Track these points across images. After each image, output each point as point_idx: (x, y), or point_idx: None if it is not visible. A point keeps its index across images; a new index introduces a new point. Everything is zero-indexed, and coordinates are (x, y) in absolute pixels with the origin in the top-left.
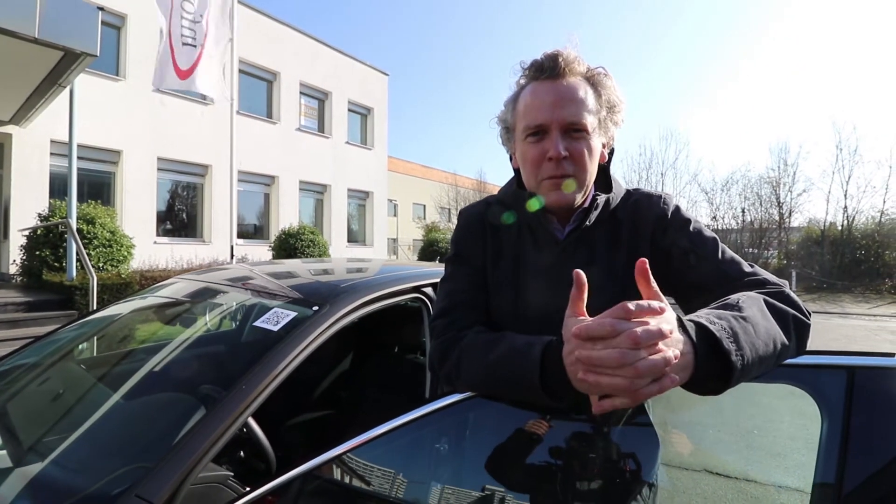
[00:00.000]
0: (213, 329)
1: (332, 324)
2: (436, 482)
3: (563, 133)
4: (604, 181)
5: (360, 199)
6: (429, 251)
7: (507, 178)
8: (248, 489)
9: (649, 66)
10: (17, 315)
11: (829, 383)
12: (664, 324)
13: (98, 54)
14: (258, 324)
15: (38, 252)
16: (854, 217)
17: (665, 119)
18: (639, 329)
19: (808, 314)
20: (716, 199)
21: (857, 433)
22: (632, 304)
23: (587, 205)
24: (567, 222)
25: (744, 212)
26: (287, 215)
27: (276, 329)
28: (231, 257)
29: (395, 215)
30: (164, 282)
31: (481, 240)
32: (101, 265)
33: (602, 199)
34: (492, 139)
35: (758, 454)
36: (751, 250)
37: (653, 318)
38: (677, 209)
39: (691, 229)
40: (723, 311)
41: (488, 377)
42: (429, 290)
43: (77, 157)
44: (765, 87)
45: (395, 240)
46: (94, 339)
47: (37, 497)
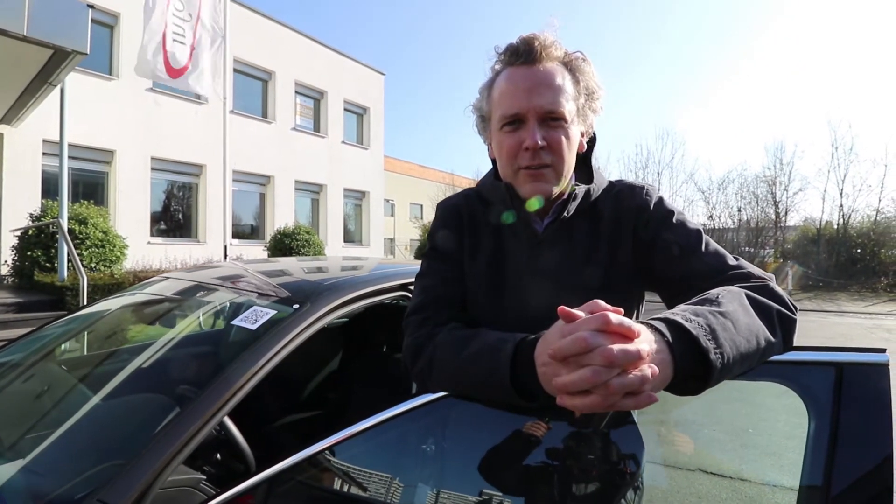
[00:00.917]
0: (193, 327)
1: (312, 322)
2: (413, 481)
3: (540, 122)
4: (585, 172)
5: (357, 198)
6: (425, 250)
7: None
8: (217, 491)
9: (645, 65)
10: (7, 316)
11: (816, 380)
12: (644, 344)
13: (88, 52)
14: (236, 322)
15: (29, 253)
16: (850, 215)
17: (661, 118)
18: (615, 348)
19: (795, 309)
20: (712, 198)
21: (845, 432)
22: (613, 317)
23: (566, 196)
24: (546, 214)
25: (740, 210)
26: (283, 215)
27: (254, 328)
28: (225, 257)
29: (392, 215)
30: (146, 280)
31: (458, 233)
32: (93, 265)
33: (581, 189)
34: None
35: (753, 453)
36: (747, 249)
37: (632, 336)
38: (660, 200)
39: (674, 221)
40: (700, 307)
41: (460, 376)
42: None
43: (70, 156)
44: (761, 86)
45: (392, 240)
46: (73, 338)
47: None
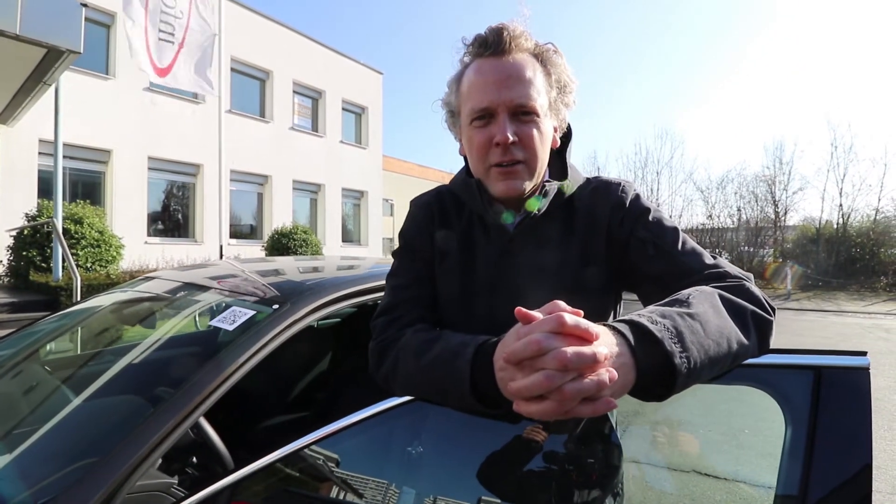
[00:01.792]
0: (173, 328)
1: (292, 323)
2: (388, 480)
3: (511, 116)
4: (559, 168)
5: (355, 198)
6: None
7: None
8: (187, 494)
9: (644, 64)
10: (0, 316)
11: (793, 385)
12: (602, 347)
13: (82, 51)
14: (214, 323)
15: (25, 252)
16: (849, 215)
17: (660, 117)
18: (569, 351)
19: (772, 310)
20: (711, 197)
21: (823, 438)
22: (568, 317)
23: (537, 193)
24: (518, 212)
25: (739, 210)
26: (281, 215)
27: (230, 328)
28: (220, 257)
29: (392, 215)
30: (135, 279)
31: (429, 231)
32: (89, 265)
33: (553, 186)
34: None
35: (748, 454)
36: (747, 248)
37: (589, 340)
38: (636, 197)
39: (650, 219)
40: (668, 309)
41: (421, 382)
42: None
43: (67, 156)
44: (760, 86)
45: (391, 239)
46: (55, 339)
47: None
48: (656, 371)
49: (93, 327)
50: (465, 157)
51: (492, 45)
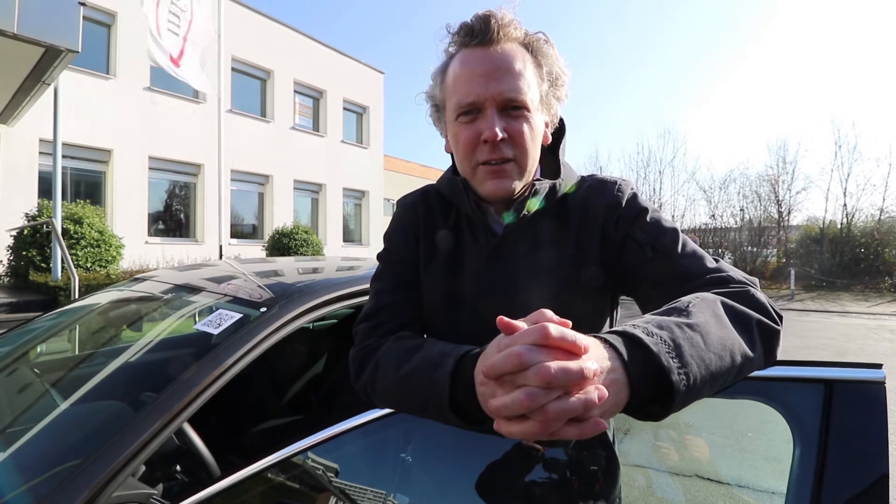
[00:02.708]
0: (159, 331)
1: (280, 326)
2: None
3: (499, 111)
4: (552, 166)
5: (356, 198)
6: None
7: None
8: None
9: (646, 64)
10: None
11: (802, 399)
12: (590, 362)
13: (80, 50)
14: (199, 326)
15: (25, 252)
16: (853, 215)
17: (662, 117)
18: (553, 366)
19: (779, 318)
20: (714, 197)
21: (834, 459)
22: (553, 328)
23: (528, 193)
24: (518, 213)
25: (743, 210)
26: (282, 215)
27: (216, 332)
28: (220, 257)
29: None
30: (126, 280)
31: (414, 234)
32: (89, 265)
33: (545, 185)
34: None
35: (751, 458)
36: (750, 248)
37: (577, 353)
38: (633, 197)
39: (648, 219)
40: (666, 318)
41: (399, 393)
42: None
43: (67, 156)
44: (763, 84)
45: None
46: (45, 341)
47: None
48: (652, 388)
49: (81, 329)
50: (451, 155)
51: (478, 33)
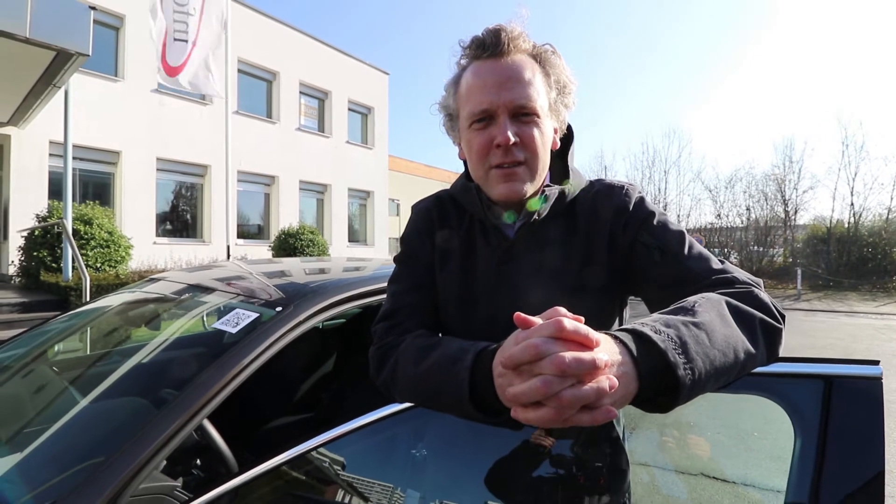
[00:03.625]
0: (177, 330)
1: (295, 325)
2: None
3: (511, 117)
4: (561, 171)
5: (361, 198)
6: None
7: None
8: (190, 497)
9: (650, 63)
10: (11, 316)
11: (803, 394)
12: (602, 354)
13: (90, 54)
14: (217, 325)
15: (35, 253)
16: (861, 214)
17: (667, 116)
18: (567, 356)
19: (781, 317)
20: (720, 196)
21: (833, 451)
22: (568, 322)
23: (538, 197)
24: (519, 214)
25: (749, 209)
26: (287, 215)
27: (234, 331)
28: (228, 258)
29: (398, 215)
30: (141, 281)
31: (429, 237)
32: (98, 266)
33: (554, 190)
34: None
35: (757, 457)
36: (756, 248)
37: (589, 346)
38: (640, 201)
39: (655, 223)
40: (672, 317)
41: (419, 388)
42: None
43: (76, 157)
44: (768, 83)
45: (398, 239)
46: (63, 340)
47: None
48: (659, 382)
49: (99, 329)
50: (464, 162)
51: (489, 46)
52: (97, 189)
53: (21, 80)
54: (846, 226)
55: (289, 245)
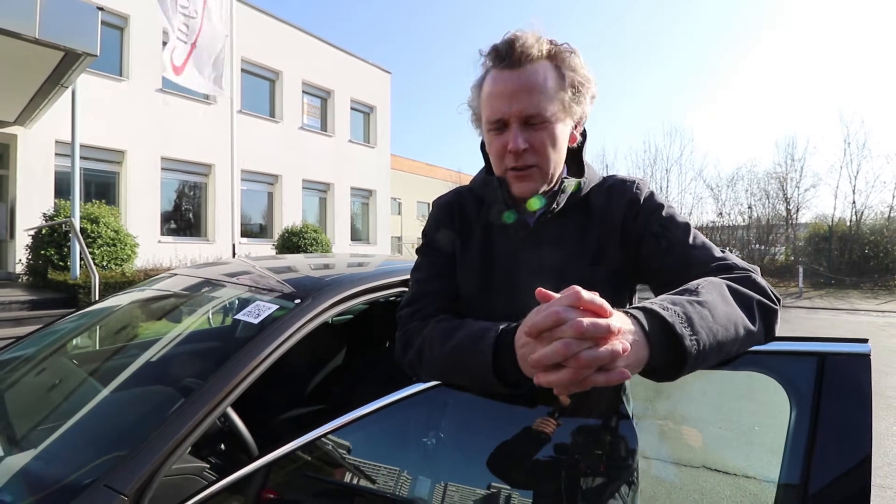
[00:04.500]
0: (198, 322)
1: (313, 317)
2: (408, 468)
3: (522, 125)
4: (577, 166)
5: (364, 197)
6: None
7: None
8: (218, 478)
9: (652, 61)
10: (20, 313)
11: (798, 371)
12: (615, 321)
13: (98, 54)
14: (239, 317)
15: (42, 251)
16: (862, 212)
17: (669, 114)
18: (585, 321)
19: (777, 300)
20: (721, 195)
21: (826, 423)
22: (585, 293)
23: (556, 190)
24: (518, 216)
25: (750, 208)
26: (290, 214)
27: (256, 322)
28: (233, 256)
29: (400, 213)
30: (158, 276)
31: (450, 228)
32: (105, 264)
33: (571, 183)
34: None
35: (758, 450)
36: (758, 246)
37: (604, 314)
38: (651, 195)
39: (663, 214)
40: (678, 297)
41: (445, 365)
42: None
43: (81, 157)
44: (770, 82)
45: (400, 238)
46: (83, 334)
47: (11, 489)
48: (667, 352)
49: (122, 322)
50: (485, 156)
51: (504, 57)
52: (102, 188)
53: (29, 80)
54: (848, 224)
55: (292, 244)
